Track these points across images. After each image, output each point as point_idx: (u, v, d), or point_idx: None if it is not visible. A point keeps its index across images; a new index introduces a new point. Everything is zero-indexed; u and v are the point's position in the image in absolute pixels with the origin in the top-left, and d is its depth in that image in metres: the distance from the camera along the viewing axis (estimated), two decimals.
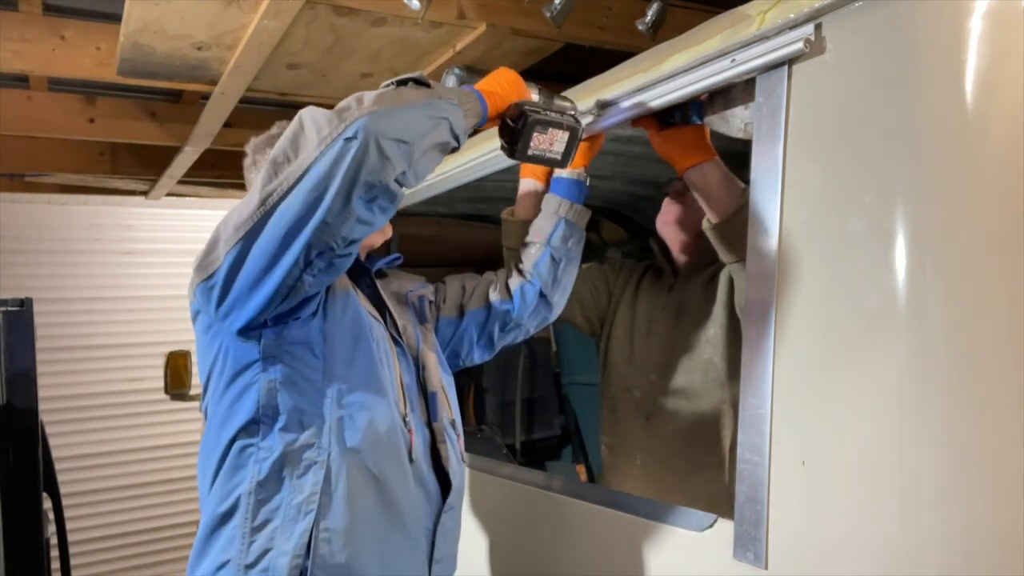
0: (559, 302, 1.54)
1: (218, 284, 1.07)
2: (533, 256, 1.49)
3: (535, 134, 1.20)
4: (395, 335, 1.32)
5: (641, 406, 1.73)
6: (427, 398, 1.33)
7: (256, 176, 1.33)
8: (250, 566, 1.10)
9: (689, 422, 1.64)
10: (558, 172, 1.49)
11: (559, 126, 1.22)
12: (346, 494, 1.14)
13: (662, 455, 1.68)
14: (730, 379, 1.61)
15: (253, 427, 1.13)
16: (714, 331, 1.64)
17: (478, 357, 1.54)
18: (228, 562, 1.11)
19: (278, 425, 1.13)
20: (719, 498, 1.53)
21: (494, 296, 1.50)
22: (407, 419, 1.25)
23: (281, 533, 1.11)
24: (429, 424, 1.31)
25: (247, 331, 1.12)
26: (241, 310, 1.08)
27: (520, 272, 1.50)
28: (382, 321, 1.31)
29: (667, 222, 1.80)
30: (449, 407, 1.37)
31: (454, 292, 1.52)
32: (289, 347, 1.14)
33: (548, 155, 1.24)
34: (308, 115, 1.03)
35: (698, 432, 1.63)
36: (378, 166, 1.00)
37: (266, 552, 1.10)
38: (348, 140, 0.98)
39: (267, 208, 1.01)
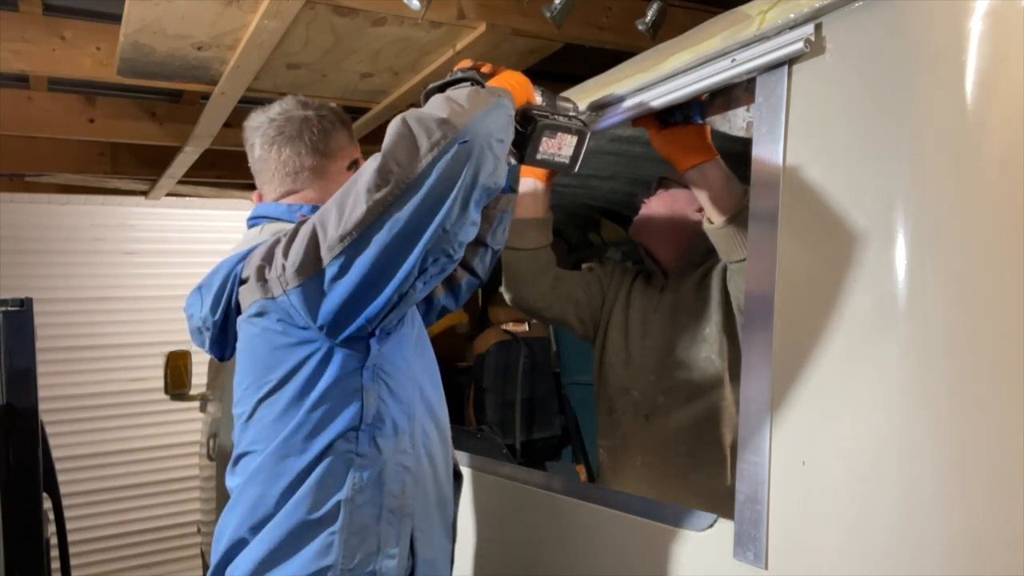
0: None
1: (322, 291, 1.03)
2: (474, 252, 1.48)
3: (544, 139, 1.20)
4: None
5: (640, 407, 1.73)
6: None
7: (318, 139, 1.26)
8: (353, 570, 1.11)
9: (690, 420, 1.64)
10: None
11: (567, 130, 1.22)
12: (425, 494, 1.19)
13: (663, 455, 1.68)
14: (730, 376, 1.61)
15: (351, 434, 1.12)
16: (710, 329, 1.64)
17: None
18: (328, 568, 1.09)
19: (377, 433, 1.13)
20: (722, 495, 1.54)
21: (436, 291, 1.50)
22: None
23: (384, 537, 1.13)
24: None
25: (352, 340, 1.09)
26: (349, 319, 1.05)
27: (462, 266, 1.49)
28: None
29: (640, 230, 1.81)
30: None
31: None
32: (388, 355, 1.14)
33: (556, 159, 1.24)
34: (413, 118, 0.99)
35: (699, 430, 1.63)
36: (493, 168, 1.00)
37: (370, 556, 1.12)
38: (464, 143, 0.96)
39: (375, 216, 0.97)
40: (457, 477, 1.36)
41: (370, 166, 0.99)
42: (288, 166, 1.28)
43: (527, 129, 1.19)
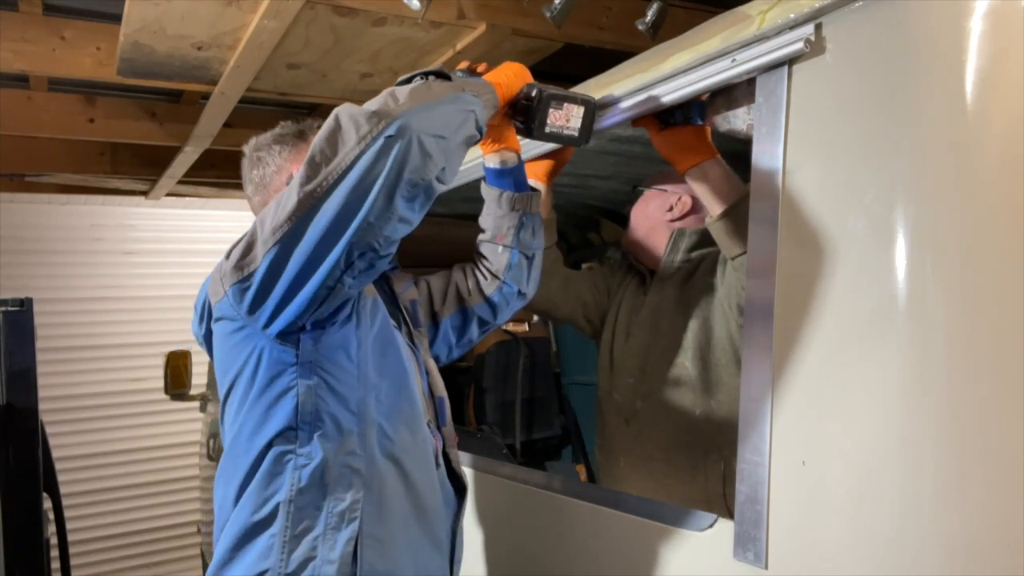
0: (533, 290, 1.53)
1: (254, 286, 1.04)
2: (502, 259, 1.45)
3: (551, 110, 1.19)
4: (409, 342, 1.33)
5: (621, 410, 1.74)
6: (435, 403, 1.34)
7: (259, 172, 1.32)
8: (290, 575, 1.09)
9: (664, 426, 1.64)
10: (490, 164, 1.42)
11: (574, 100, 1.21)
12: (385, 501, 1.14)
13: (641, 457, 1.69)
14: (702, 384, 1.61)
15: (290, 434, 1.11)
16: (686, 335, 1.64)
17: (456, 355, 1.54)
18: (266, 572, 1.09)
19: (317, 432, 1.11)
20: (697, 501, 1.54)
21: (470, 300, 1.48)
22: (430, 425, 1.27)
23: (324, 542, 1.09)
24: (439, 429, 1.32)
25: (284, 335, 1.10)
26: (280, 313, 1.06)
27: (493, 275, 1.47)
28: (399, 327, 1.31)
29: (626, 237, 1.82)
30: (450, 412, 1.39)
31: (424, 299, 1.49)
32: (326, 352, 1.13)
33: (566, 132, 1.22)
34: (345, 112, 1.00)
35: (673, 436, 1.63)
36: (420, 163, 0.99)
37: (308, 561, 1.09)
38: (390, 138, 0.96)
39: (306, 208, 0.98)
40: (460, 488, 1.32)
41: (304, 160, 1.01)
42: (257, 198, 1.35)
43: (532, 101, 1.18)
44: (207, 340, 1.24)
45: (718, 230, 1.41)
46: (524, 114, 1.20)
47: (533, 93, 1.19)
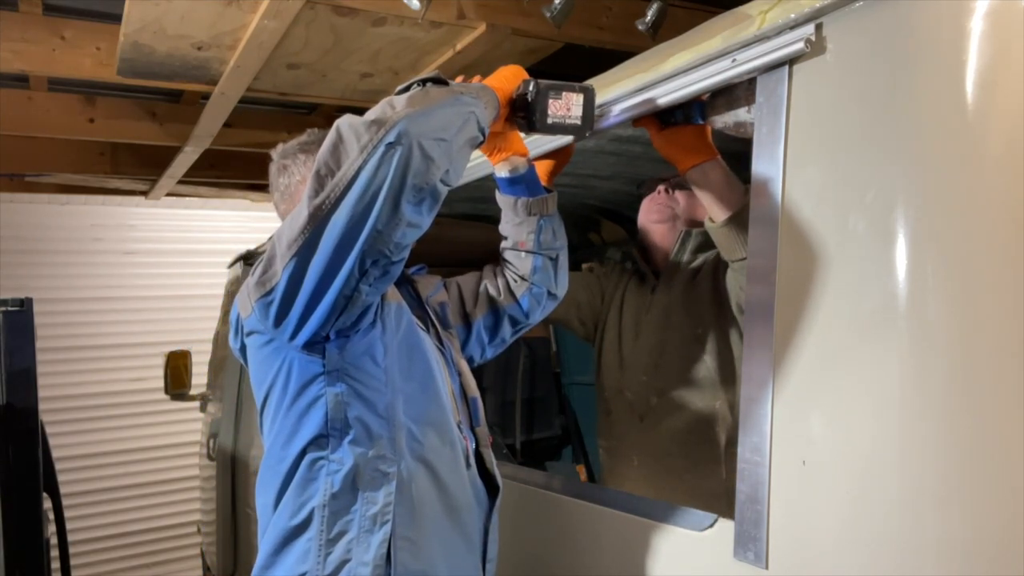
0: (563, 289, 1.54)
1: (276, 300, 1.07)
2: (527, 265, 1.47)
3: (550, 100, 1.19)
4: (438, 343, 1.34)
5: (634, 407, 1.74)
6: (468, 404, 1.35)
7: (284, 181, 1.33)
8: None
9: (682, 420, 1.65)
10: (501, 173, 1.42)
11: (571, 89, 1.21)
12: (417, 503, 1.16)
13: (657, 455, 1.69)
14: (721, 375, 1.61)
15: (322, 440, 1.14)
16: (701, 329, 1.64)
17: (491, 355, 1.56)
18: (304, 574, 1.11)
19: (348, 438, 1.14)
20: (717, 494, 1.54)
21: (500, 300, 1.49)
22: (460, 426, 1.28)
23: (358, 544, 1.12)
24: (472, 429, 1.33)
25: (310, 345, 1.12)
26: (303, 324, 1.08)
27: (521, 278, 1.49)
28: (426, 330, 1.32)
29: (652, 220, 1.81)
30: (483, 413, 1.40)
31: (455, 300, 1.51)
32: (352, 360, 1.15)
33: (568, 122, 1.22)
34: (346, 124, 1.01)
35: (692, 429, 1.63)
36: (423, 168, 0.99)
37: (344, 563, 1.11)
38: (391, 145, 0.97)
39: (316, 222, 1.00)
40: (493, 487, 1.32)
41: (311, 173, 1.03)
42: (283, 206, 1.37)
43: (529, 94, 1.19)
44: (243, 353, 1.27)
45: (719, 235, 1.41)
46: (524, 109, 1.20)
47: (530, 87, 1.19)
